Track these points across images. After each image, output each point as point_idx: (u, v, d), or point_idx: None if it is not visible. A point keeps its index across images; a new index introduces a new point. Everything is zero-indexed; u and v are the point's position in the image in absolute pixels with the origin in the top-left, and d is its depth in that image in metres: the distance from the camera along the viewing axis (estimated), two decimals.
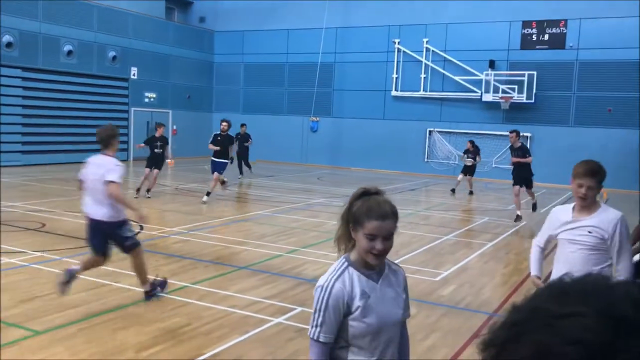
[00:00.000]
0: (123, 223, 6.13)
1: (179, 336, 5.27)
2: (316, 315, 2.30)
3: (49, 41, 21.29)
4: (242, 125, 20.32)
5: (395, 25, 24.62)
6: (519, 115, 22.46)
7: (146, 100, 25.43)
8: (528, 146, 16.36)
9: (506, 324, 0.68)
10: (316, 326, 2.29)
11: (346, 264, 2.33)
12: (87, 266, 6.16)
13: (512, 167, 12.99)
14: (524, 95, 21.91)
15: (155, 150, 14.04)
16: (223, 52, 28.76)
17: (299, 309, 6.20)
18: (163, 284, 6.46)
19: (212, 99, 29.09)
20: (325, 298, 2.27)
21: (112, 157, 6.07)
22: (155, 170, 13.95)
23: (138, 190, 13.85)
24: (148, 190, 13.82)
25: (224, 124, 13.89)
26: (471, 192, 17.33)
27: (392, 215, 2.28)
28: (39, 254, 8.03)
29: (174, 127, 26.59)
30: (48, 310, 5.77)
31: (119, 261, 7.84)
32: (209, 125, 27.03)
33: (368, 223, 2.23)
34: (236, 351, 5.05)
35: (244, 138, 19.66)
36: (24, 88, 20.70)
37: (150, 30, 25.26)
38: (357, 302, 2.26)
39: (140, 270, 6.23)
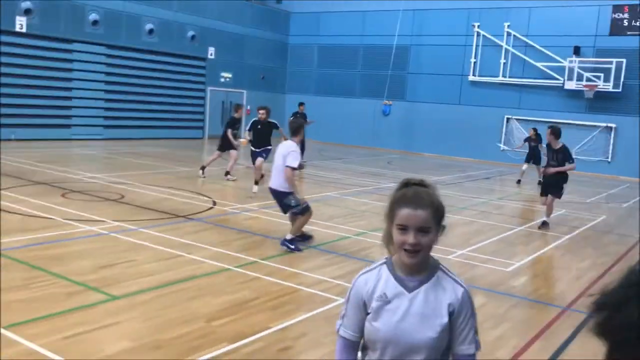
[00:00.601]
0: (289, 194, 7.61)
1: (247, 309, 5.38)
2: (342, 307, 2.17)
3: (131, 19, 22.03)
4: (301, 104, 19.33)
5: (475, 9, 23.91)
6: (604, 105, 21.38)
7: (222, 80, 25.93)
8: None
9: (623, 285, 0.63)
10: (340, 318, 2.16)
11: (383, 262, 2.11)
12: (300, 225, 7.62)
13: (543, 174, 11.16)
14: (610, 83, 20.81)
15: (234, 131, 13.82)
16: (298, 33, 28.86)
17: None
18: (307, 238, 7.86)
19: (285, 80, 29.32)
20: (349, 291, 2.12)
21: (295, 144, 7.72)
22: (233, 152, 13.70)
23: (203, 168, 13.63)
24: (227, 173, 13.57)
25: (262, 111, 12.64)
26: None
27: (428, 205, 1.99)
28: (117, 223, 8.37)
29: (248, 107, 26.96)
30: (125, 277, 6.02)
31: (193, 233, 8.10)
32: (282, 106, 27.27)
33: (398, 211, 2.00)
34: (301, 327, 5.09)
35: (302, 118, 17.98)
36: (107, 65, 21.56)
37: (228, 10, 25.65)
38: (374, 303, 2.04)
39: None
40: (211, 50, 25.16)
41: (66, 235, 7.61)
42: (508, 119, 23.47)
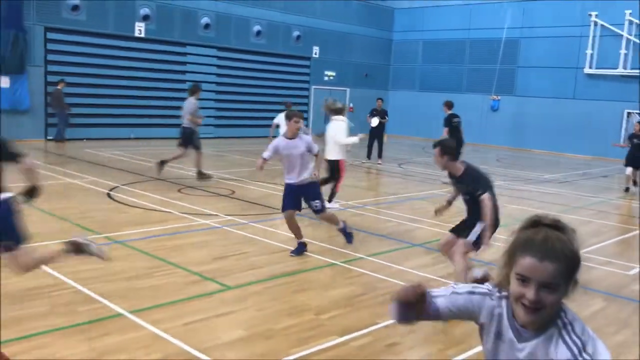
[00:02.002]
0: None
1: (355, 304, 5.42)
2: (456, 285, 1.97)
3: (240, 22, 22.83)
4: (379, 99, 18.29)
5: None
6: None
7: (325, 78, 26.25)
8: None
9: None
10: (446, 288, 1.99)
11: (506, 295, 1.80)
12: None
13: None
14: None
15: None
16: (402, 29, 28.62)
17: None
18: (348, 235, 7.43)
19: (389, 77, 29.18)
20: (474, 287, 1.90)
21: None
22: None
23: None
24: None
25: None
26: (626, 190, 13.97)
27: (560, 256, 1.63)
28: (229, 217, 8.72)
29: (351, 105, 27.15)
30: (237, 269, 6.27)
31: (303, 227, 8.26)
32: (385, 103, 27.13)
33: (521, 258, 1.67)
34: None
35: (380, 114, 17.16)
36: (218, 66, 22.49)
37: (333, 9, 25.91)
38: (488, 328, 1.86)
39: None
40: (316, 50, 25.54)
41: (183, 228, 8.04)
42: (629, 114, 21.94)
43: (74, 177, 11.65)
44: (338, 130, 9.84)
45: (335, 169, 9.97)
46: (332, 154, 9.90)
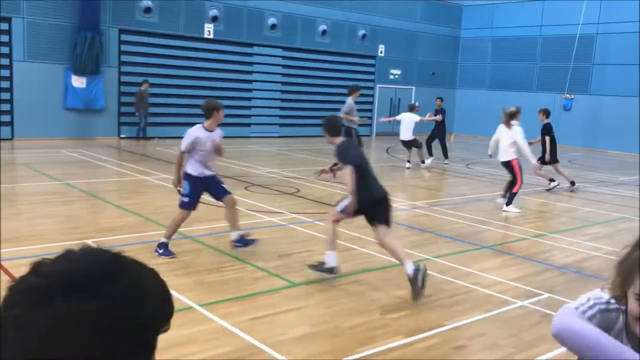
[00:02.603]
0: None
1: (421, 305, 5.35)
2: (585, 300, 1.76)
3: (306, 22, 23.00)
4: (438, 99, 17.80)
5: None
6: None
7: (391, 77, 26.07)
8: None
9: None
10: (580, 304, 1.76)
11: (624, 308, 1.68)
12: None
13: None
14: None
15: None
16: (471, 26, 28.05)
17: (546, 294, 5.85)
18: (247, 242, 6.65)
19: (457, 75, 28.67)
20: (592, 302, 1.73)
21: None
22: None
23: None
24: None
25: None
26: None
27: None
28: (294, 215, 8.80)
29: (417, 104, 26.83)
30: (303, 266, 6.30)
31: (364, 228, 8.24)
32: (452, 102, 26.71)
33: (638, 279, 1.58)
34: (478, 327, 4.95)
35: (440, 113, 16.87)
36: (284, 66, 22.75)
37: (399, 7, 25.70)
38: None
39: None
40: (381, 48, 25.41)
41: (250, 224, 8.17)
42: None
43: (146, 174, 12.05)
44: (516, 134, 10.51)
45: (513, 170, 10.28)
46: (505, 155, 10.30)
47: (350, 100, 13.44)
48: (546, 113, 14.16)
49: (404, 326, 4.84)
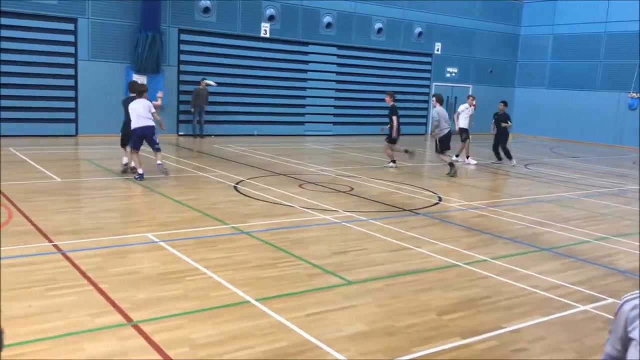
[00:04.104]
0: None
1: (478, 306, 5.25)
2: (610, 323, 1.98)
3: (362, 20, 22.92)
4: (502, 102, 16.62)
5: None
6: None
7: (447, 75, 25.69)
8: None
9: None
10: (609, 332, 1.98)
11: None
12: None
13: None
14: None
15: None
16: (531, 24, 27.32)
17: (610, 299, 5.63)
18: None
19: (515, 74, 27.98)
20: (616, 310, 1.92)
21: None
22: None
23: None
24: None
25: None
26: None
27: None
28: (348, 213, 8.79)
29: (473, 103, 26.37)
30: (357, 264, 6.29)
31: (420, 227, 8.16)
32: (510, 101, 26.07)
33: None
34: (538, 331, 4.81)
35: (502, 118, 16.15)
36: (338, 65, 22.74)
37: (456, 5, 25.29)
38: (633, 333, 1.82)
39: None
40: (437, 46, 25.07)
41: (304, 221, 8.22)
42: None
43: (204, 171, 12.29)
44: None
45: None
46: None
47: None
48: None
49: (460, 327, 4.75)
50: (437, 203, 10.12)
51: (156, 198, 9.43)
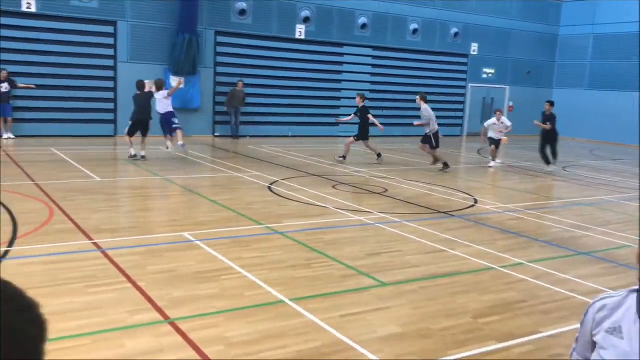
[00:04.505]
0: None
1: (515, 310, 5.18)
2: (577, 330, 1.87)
3: (397, 21, 22.82)
4: (548, 102, 15.59)
5: None
6: None
7: (484, 76, 25.38)
8: None
9: None
10: (574, 341, 1.86)
11: (636, 290, 1.69)
12: None
13: None
14: None
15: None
16: (570, 23, 26.78)
17: None
18: None
19: (554, 74, 27.46)
20: (583, 315, 1.81)
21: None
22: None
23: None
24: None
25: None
26: None
27: None
28: (382, 215, 8.76)
29: (510, 104, 26.00)
30: (391, 266, 6.27)
31: (455, 230, 8.09)
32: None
33: None
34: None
35: (549, 118, 15.15)
36: (373, 66, 22.69)
37: (493, 5, 24.96)
38: (600, 335, 1.71)
39: None
40: (474, 47, 24.79)
41: (338, 222, 8.23)
42: None
43: (239, 171, 12.41)
44: None
45: None
46: None
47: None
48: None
49: (496, 331, 4.70)
50: (472, 205, 10.01)
51: (192, 198, 9.56)
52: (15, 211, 7.72)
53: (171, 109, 13.61)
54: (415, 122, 15.21)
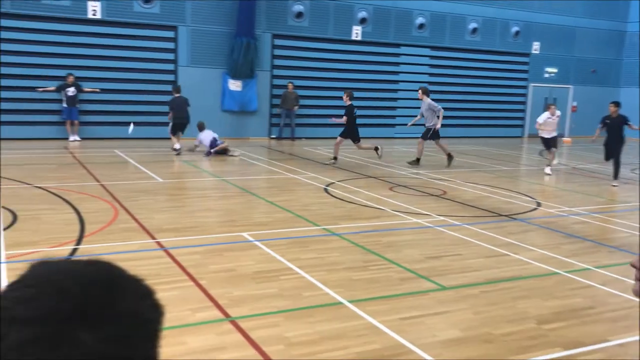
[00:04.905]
0: None
1: (581, 317, 4.99)
2: None
3: (456, 20, 22.46)
4: (613, 104, 13.44)
5: None
6: None
7: (546, 75, 24.65)
8: None
9: None
10: None
11: None
12: None
13: None
14: None
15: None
16: (639, 20, 25.67)
17: None
18: None
19: (620, 73, 26.39)
20: None
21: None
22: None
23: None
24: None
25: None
26: None
27: None
28: (441, 218, 8.62)
29: (574, 104, 25.16)
30: (451, 269, 6.16)
31: (517, 233, 7.89)
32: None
33: None
34: None
35: (618, 122, 13.02)
36: (431, 66, 22.41)
37: (557, 2, 24.21)
38: None
39: None
40: (536, 45, 24.12)
41: (396, 225, 8.16)
42: None
43: (295, 173, 12.49)
44: None
45: None
46: None
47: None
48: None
49: (562, 338, 4.54)
50: (535, 208, 9.73)
51: (250, 199, 9.68)
52: (82, 210, 8.02)
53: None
54: (427, 123, 15.29)
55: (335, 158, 14.32)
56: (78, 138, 16.90)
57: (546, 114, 14.10)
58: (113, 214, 7.98)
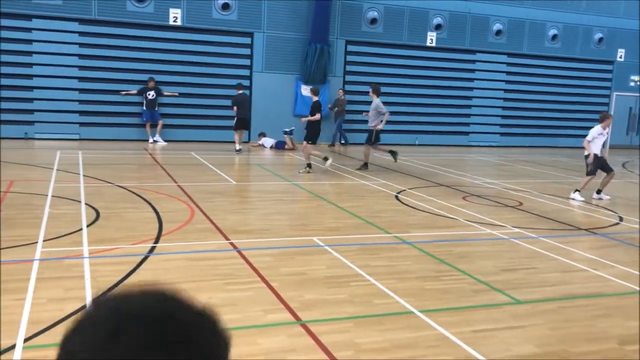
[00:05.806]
0: None
1: None
2: None
3: (535, 26, 21.81)
4: None
5: None
6: None
7: (632, 83, 23.51)
8: None
9: None
10: None
11: None
12: None
13: None
14: None
15: None
16: None
17: None
18: None
19: None
20: None
21: None
22: None
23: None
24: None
25: None
26: None
27: None
28: (517, 229, 8.37)
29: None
30: (527, 283, 5.97)
31: (597, 249, 7.56)
32: None
33: None
34: None
35: None
36: (507, 73, 21.84)
37: None
38: None
39: None
40: (621, 52, 23.07)
41: (469, 235, 7.99)
42: None
43: (365, 179, 12.47)
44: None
45: None
46: None
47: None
48: (316, 92, 13.80)
49: None
50: (617, 223, 9.29)
51: (321, 204, 9.75)
52: (161, 210, 8.32)
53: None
54: (380, 124, 14.08)
55: (309, 165, 13.22)
56: (161, 140, 17.48)
57: (598, 128, 11.58)
58: (189, 214, 8.23)
